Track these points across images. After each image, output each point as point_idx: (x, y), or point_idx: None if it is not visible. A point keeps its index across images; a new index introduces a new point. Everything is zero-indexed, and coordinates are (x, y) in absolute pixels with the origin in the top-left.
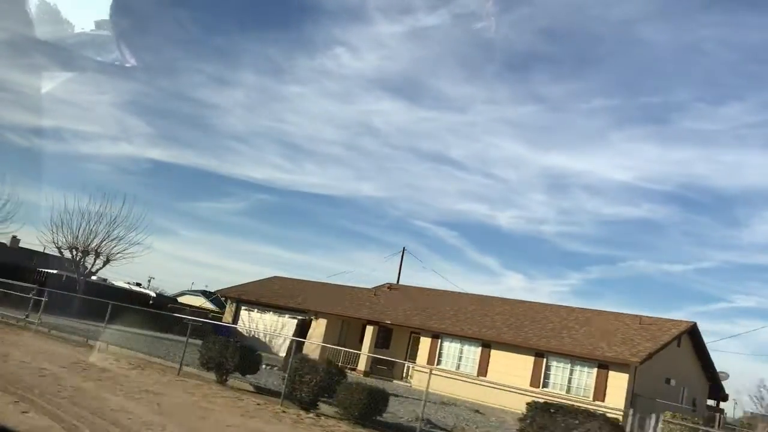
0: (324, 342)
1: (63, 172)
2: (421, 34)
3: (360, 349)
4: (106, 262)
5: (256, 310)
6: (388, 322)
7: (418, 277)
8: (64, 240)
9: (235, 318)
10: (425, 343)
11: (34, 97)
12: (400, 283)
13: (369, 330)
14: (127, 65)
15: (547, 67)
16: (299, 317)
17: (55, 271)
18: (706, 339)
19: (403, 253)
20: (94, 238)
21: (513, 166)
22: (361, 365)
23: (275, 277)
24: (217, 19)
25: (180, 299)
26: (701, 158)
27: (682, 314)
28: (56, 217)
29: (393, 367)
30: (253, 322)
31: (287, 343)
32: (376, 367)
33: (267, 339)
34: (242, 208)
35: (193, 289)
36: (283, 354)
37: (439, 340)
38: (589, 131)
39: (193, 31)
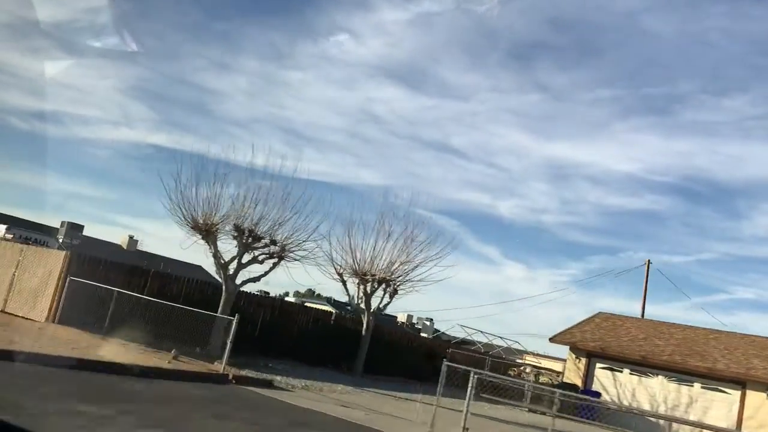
0: None
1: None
2: (426, 21)
3: None
4: (394, 293)
5: (627, 370)
6: None
7: None
8: (346, 266)
9: (587, 378)
10: None
11: (35, 80)
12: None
13: None
14: (129, 50)
15: (551, 57)
16: (727, 389)
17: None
18: None
19: (648, 269)
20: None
21: (515, 155)
22: None
23: (609, 315)
24: (220, 4)
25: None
26: (704, 150)
27: (682, 305)
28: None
29: None
30: (623, 387)
31: None
32: None
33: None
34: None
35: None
36: None
37: None
38: (592, 121)
39: (195, 16)
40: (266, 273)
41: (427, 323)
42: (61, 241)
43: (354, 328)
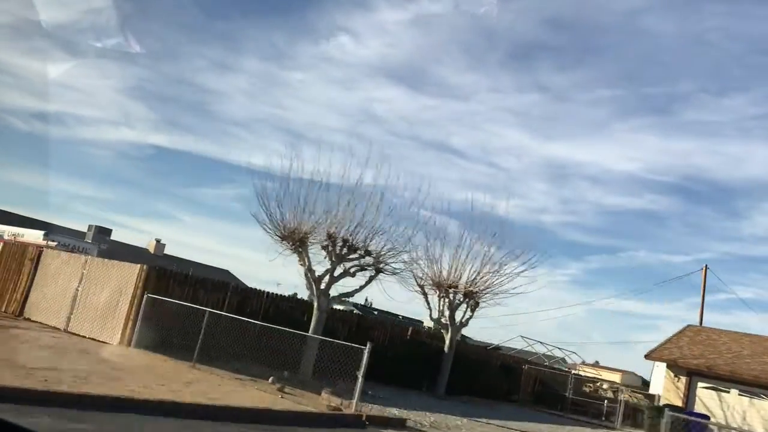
0: None
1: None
2: (425, 22)
3: None
4: (475, 306)
5: (735, 391)
6: None
7: None
8: (426, 278)
9: (688, 399)
10: None
11: (36, 81)
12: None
13: None
14: (131, 51)
15: (551, 57)
16: None
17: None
18: None
19: (705, 274)
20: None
21: (515, 155)
22: None
23: (700, 328)
24: (220, 4)
25: None
26: (704, 149)
27: (682, 304)
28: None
29: None
30: (731, 409)
31: None
32: None
33: None
34: (242, 195)
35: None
36: None
37: None
38: (591, 121)
39: (195, 16)
40: (362, 288)
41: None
42: (100, 247)
43: (431, 343)
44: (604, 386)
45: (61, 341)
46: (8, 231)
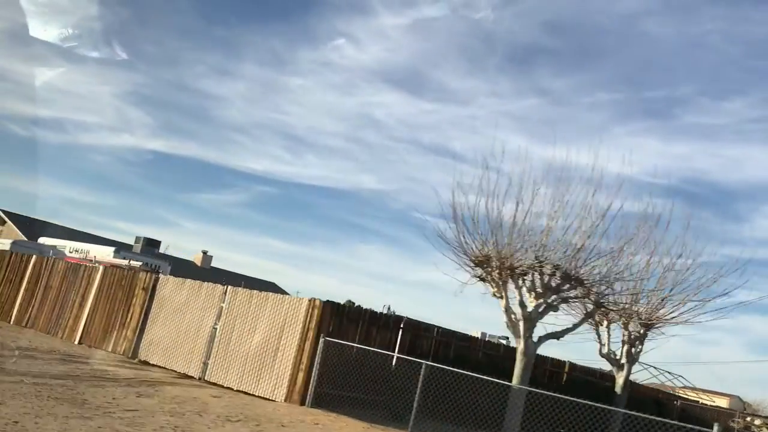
0: None
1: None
2: (425, 26)
3: None
4: (644, 337)
5: None
6: None
7: None
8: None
9: None
10: None
11: (34, 87)
12: None
13: None
14: (118, 59)
15: (550, 61)
16: None
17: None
18: None
19: None
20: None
21: (515, 159)
22: None
23: None
24: (220, 10)
25: None
26: (703, 153)
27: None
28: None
29: None
30: None
31: None
32: None
33: None
34: (243, 200)
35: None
36: None
37: None
38: (591, 125)
39: (195, 22)
40: (576, 326)
41: (503, 341)
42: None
43: (598, 383)
44: (756, 422)
45: (232, 403)
46: (68, 246)
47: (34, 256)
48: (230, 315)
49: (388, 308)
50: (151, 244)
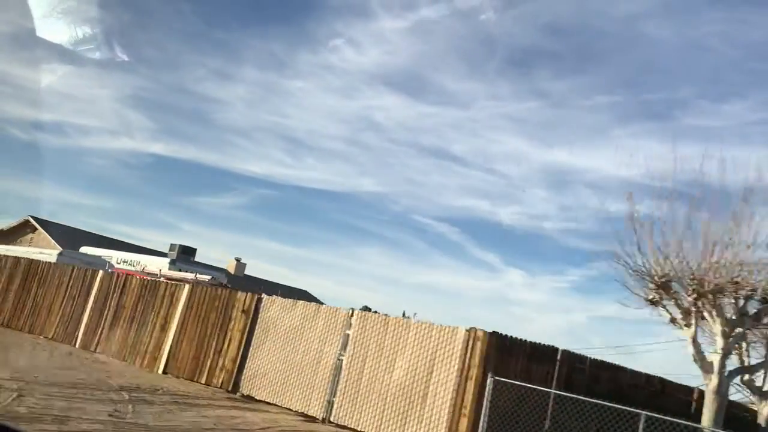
0: None
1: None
2: (424, 29)
3: None
4: None
5: None
6: None
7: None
8: None
9: None
10: None
11: (35, 90)
12: None
13: None
14: (118, 60)
15: (550, 63)
16: None
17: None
18: None
19: None
20: None
21: (514, 161)
22: None
23: None
24: (220, 13)
25: None
26: (703, 155)
27: None
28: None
29: None
30: None
31: None
32: None
33: None
34: (243, 203)
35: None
36: None
37: None
38: (591, 127)
39: (195, 25)
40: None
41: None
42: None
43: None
44: None
45: None
46: (114, 257)
47: (101, 271)
48: (360, 344)
49: (413, 315)
50: (186, 252)
